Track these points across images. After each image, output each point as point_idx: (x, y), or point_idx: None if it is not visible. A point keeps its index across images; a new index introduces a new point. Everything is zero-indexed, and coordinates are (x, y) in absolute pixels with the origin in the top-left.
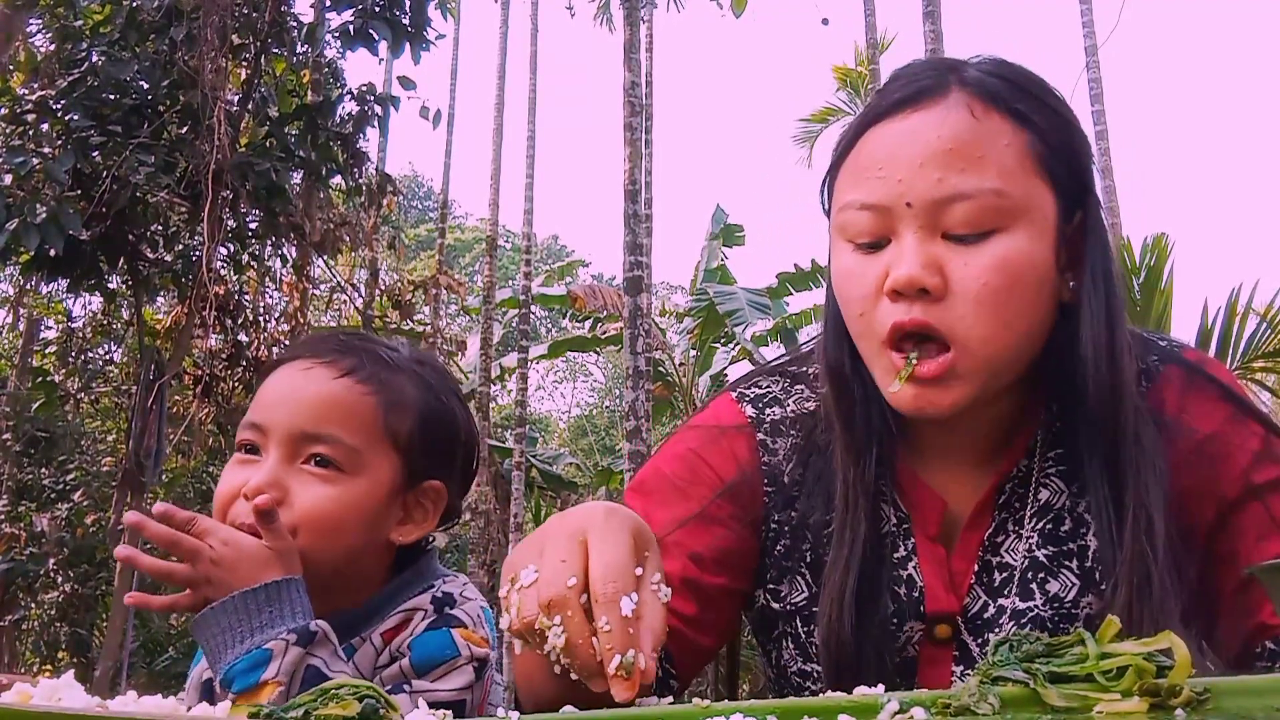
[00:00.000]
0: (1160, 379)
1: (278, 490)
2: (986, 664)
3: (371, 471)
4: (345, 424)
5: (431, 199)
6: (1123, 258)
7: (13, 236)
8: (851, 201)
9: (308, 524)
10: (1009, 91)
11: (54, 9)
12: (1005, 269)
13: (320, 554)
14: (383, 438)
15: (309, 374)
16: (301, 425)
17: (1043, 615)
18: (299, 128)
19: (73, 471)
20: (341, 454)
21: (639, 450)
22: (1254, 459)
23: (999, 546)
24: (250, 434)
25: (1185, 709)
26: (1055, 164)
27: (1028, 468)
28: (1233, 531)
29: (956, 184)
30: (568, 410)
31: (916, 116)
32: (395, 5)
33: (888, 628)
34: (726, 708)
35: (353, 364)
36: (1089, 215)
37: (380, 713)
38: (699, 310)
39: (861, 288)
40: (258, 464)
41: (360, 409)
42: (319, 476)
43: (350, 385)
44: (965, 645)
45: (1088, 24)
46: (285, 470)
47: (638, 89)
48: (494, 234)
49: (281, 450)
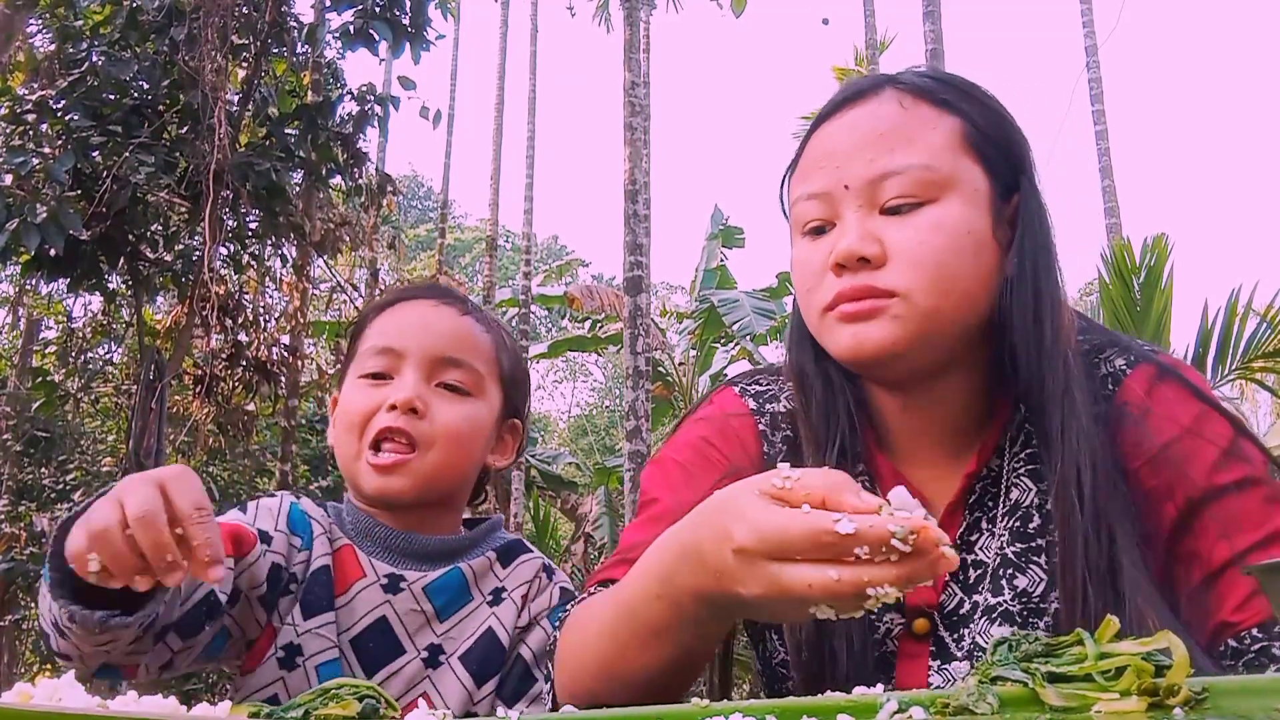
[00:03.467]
0: (1129, 379)
1: (423, 403)
2: (985, 664)
3: (489, 398)
4: (475, 353)
5: (431, 199)
6: (1123, 258)
7: (13, 236)
8: (801, 194)
9: (446, 436)
10: (936, 86)
11: (54, 9)
12: (940, 230)
13: (451, 468)
14: (496, 370)
15: (439, 310)
16: (442, 350)
17: (1011, 610)
18: (299, 128)
19: (73, 471)
20: (471, 379)
21: (639, 450)
22: (1219, 458)
23: (973, 545)
24: (383, 359)
25: (1183, 708)
26: (986, 146)
27: (999, 468)
28: (1195, 531)
29: (886, 163)
30: (568, 410)
31: (853, 112)
32: (395, 5)
33: (865, 619)
34: (726, 708)
35: (471, 307)
36: (1024, 196)
37: (380, 711)
38: (700, 312)
39: (811, 269)
40: (392, 384)
41: (482, 343)
42: (454, 397)
43: (473, 323)
44: (942, 641)
45: (1088, 24)
46: (425, 388)
47: (637, 89)
48: (494, 234)
49: (420, 371)
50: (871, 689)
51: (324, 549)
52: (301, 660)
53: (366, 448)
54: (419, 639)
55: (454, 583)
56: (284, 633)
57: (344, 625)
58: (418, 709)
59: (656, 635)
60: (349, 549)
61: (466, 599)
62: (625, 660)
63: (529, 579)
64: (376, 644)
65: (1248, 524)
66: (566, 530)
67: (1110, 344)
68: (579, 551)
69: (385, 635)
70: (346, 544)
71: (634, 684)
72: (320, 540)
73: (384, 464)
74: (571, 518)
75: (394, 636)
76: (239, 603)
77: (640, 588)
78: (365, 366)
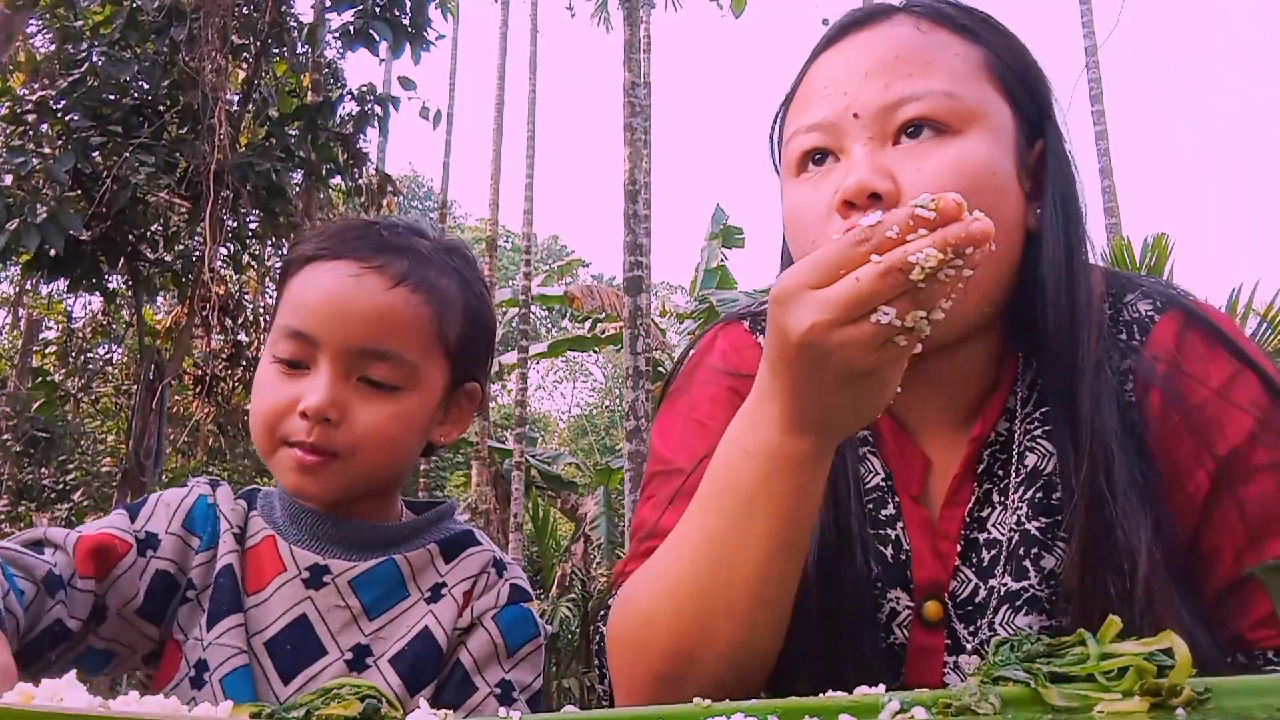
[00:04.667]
0: (1157, 328)
1: (337, 410)
2: (987, 664)
3: (425, 384)
4: (405, 340)
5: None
6: (1123, 257)
7: (13, 236)
8: (799, 128)
9: (370, 443)
10: (956, 13)
11: (54, 9)
12: (961, 170)
13: (378, 467)
14: (436, 346)
15: (360, 282)
16: (360, 341)
17: (1039, 595)
18: (299, 128)
19: (73, 471)
20: (400, 372)
21: (639, 450)
22: (1254, 430)
23: (984, 521)
24: (297, 345)
25: (1186, 708)
26: (1011, 81)
27: (1009, 431)
28: (1221, 522)
29: (903, 88)
30: (568, 410)
31: (862, 35)
32: (395, 5)
33: (869, 594)
34: (727, 707)
35: (403, 269)
36: (1050, 142)
37: (381, 711)
38: (700, 313)
39: (812, 212)
40: (307, 377)
41: (417, 322)
42: (378, 394)
43: (406, 296)
44: (956, 634)
45: (1088, 24)
46: (342, 387)
47: (637, 89)
48: (494, 234)
49: (337, 366)
50: (873, 689)
51: (231, 547)
52: (208, 675)
53: (280, 444)
54: (343, 638)
55: (386, 576)
56: (191, 648)
57: (258, 626)
58: (419, 709)
59: (750, 505)
60: (269, 541)
61: (400, 595)
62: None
63: (474, 574)
64: (295, 645)
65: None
66: (566, 530)
67: (1131, 286)
68: (579, 551)
69: (305, 635)
70: (268, 535)
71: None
72: (227, 538)
73: (301, 461)
74: (571, 518)
75: (315, 636)
76: (108, 620)
77: (725, 457)
78: (279, 347)
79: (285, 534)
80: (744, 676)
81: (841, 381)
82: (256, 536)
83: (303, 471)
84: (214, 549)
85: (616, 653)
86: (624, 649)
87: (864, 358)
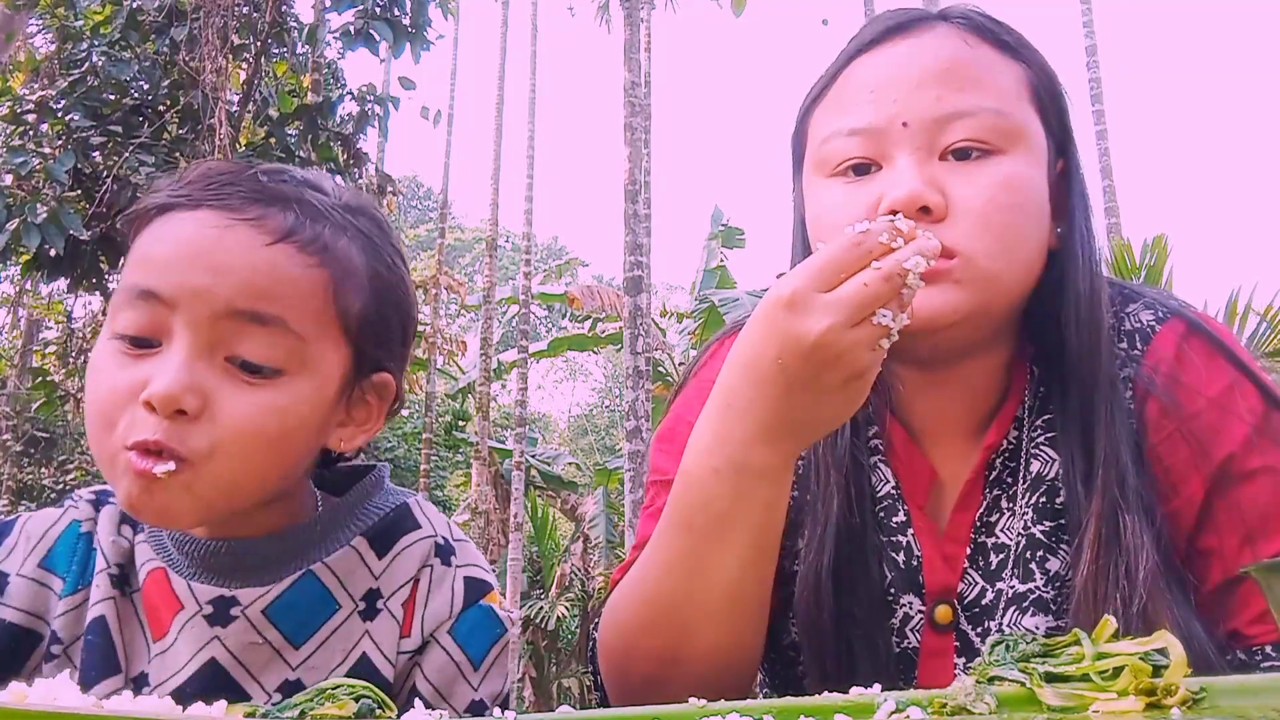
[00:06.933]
0: (1158, 337)
1: (196, 398)
2: (983, 664)
3: (318, 367)
4: (288, 305)
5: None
6: (1123, 258)
7: (13, 236)
8: (838, 130)
9: (237, 443)
10: (996, 27)
11: (54, 9)
12: (1010, 188)
13: (247, 481)
14: (332, 321)
15: (230, 234)
16: (228, 301)
17: (1045, 596)
18: (299, 128)
19: (73, 471)
20: (281, 348)
21: (639, 450)
22: (1249, 437)
23: (993, 526)
24: (144, 312)
25: (1181, 708)
26: (1046, 101)
27: (1017, 440)
28: (1217, 524)
29: (956, 101)
30: (568, 410)
31: (908, 42)
32: (395, 5)
33: (883, 600)
34: (723, 708)
35: (290, 223)
36: (1070, 163)
37: (376, 712)
38: (700, 312)
39: (848, 215)
40: (156, 357)
41: (306, 284)
42: (252, 379)
43: (291, 254)
44: (966, 636)
45: (1088, 24)
46: (204, 368)
47: (637, 89)
48: (494, 234)
49: (197, 340)
50: (870, 689)
51: (106, 593)
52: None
53: (123, 448)
54: (268, 678)
55: (306, 596)
56: None
57: (161, 678)
58: (415, 709)
59: (721, 522)
60: (158, 575)
61: (328, 609)
62: (699, 575)
63: (413, 574)
64: (208, 695)
65: (1276, 524)
66: (566, 530)
67: (1134, 297)
68: (578, 551)
69: (217, 681)
70: (157, 568)
71: (713, 607)
72: (102, 580)
73: (134, 469)
74: (571, 518)
75: (231, 681)
76: None
77: (694, 474)
78: (121, 319)
79: (177, 565)
80: (730, 672)
81: (841, 383)
82: (143, 570)
83: (140, 486)
84: (83, 591)
85: (605, 658)
86: (611, 655)
87: (864, 358)
